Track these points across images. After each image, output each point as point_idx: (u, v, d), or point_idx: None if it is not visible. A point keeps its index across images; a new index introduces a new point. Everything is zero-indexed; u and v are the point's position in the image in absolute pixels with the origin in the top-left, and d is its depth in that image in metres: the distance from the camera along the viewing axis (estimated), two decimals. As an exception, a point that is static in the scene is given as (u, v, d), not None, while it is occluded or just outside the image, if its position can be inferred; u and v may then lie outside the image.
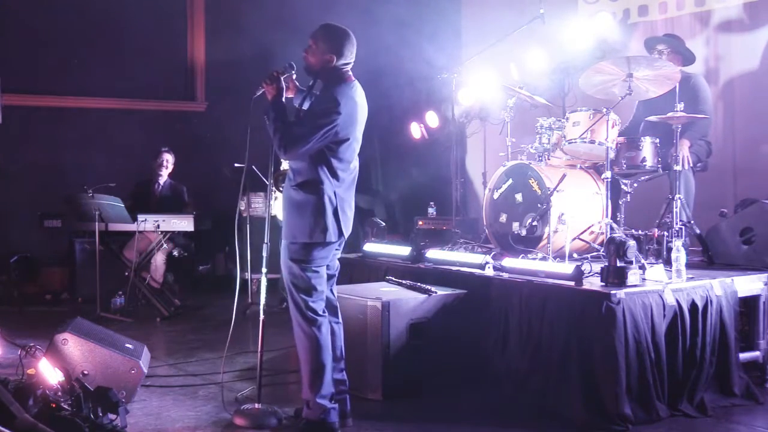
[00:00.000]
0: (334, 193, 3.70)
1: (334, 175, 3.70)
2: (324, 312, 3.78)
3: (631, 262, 4.13)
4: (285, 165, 4.68)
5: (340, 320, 3.96)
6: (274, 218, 6.19)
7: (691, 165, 5.34)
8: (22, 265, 7.74)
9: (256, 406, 3.92)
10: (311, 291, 3.73)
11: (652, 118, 5.06)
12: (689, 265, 4.54)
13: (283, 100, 3.75)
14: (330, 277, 3.90)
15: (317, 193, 3.67)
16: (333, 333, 3.85)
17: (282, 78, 3.77)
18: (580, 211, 5.21)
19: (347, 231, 3.81)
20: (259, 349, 3.97)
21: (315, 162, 3.67)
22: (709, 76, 6.31)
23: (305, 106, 3.84)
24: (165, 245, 6.92)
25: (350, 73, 3.80)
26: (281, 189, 4.15)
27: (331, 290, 3.94)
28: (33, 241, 7.78)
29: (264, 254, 3.89)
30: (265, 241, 3.91)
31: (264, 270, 3.88)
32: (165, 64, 8.79)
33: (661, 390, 3.99)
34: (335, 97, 3.63)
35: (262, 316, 3.94)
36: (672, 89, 5.00)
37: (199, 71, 8.95)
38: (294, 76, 3.91)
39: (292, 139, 3.63)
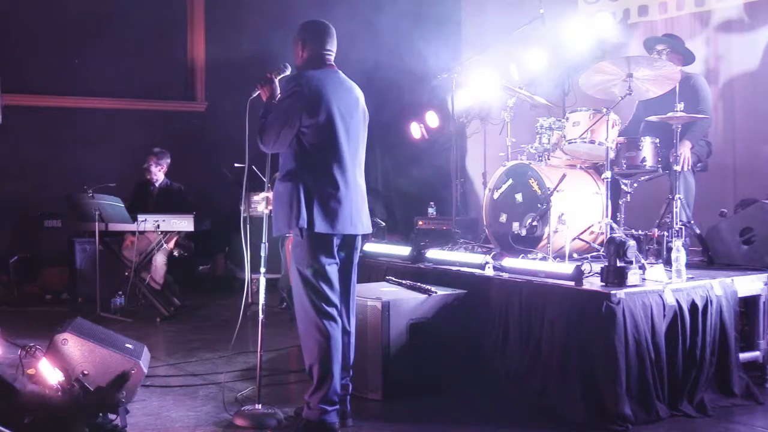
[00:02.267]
0: (313, 181, 3.63)
1: (313, 160, 3.64)
2: (337, 319, 3.73)
3: (631, 262, 4.13)
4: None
5: (353, 330, 3.92)
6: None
7: (691, 165, 5.35)
8: (22, 265, 7.75)
9: (257, 406, 3.92)
10: (319, 296, 3.67)
11: (652, 118, 5.06)
12: (689, 265, 4.54)
13: (274, 99, 3.75)
14: (348, 282, 3.85)
15: (293, 180, 3.64)
16: (343, 344, 3.80)
17: (276, 79, 3.79)
18: (580, 211, 5.21)
19: (339, 226, 3.67)
20: (259, 349, 3.96)
21: (293, 150, 3.66)
22: (709, 76, 6.31)
23: None
24: (165, 245, 6.92)
25: (330, 62, 3.80)
26: None
27: (349, 299, 3.88)
28: (33, 241, 7.78)
29: (262, 254, 3.88)
30: (264, 241, 3.90)
31: (262, 270, 3.87)
32: (165, 64, 8.80)
33: (661, 390, 3.99)
34: (297, 78, 3.66)
35: (261, 316, 3.94)
36: (672, 89, 5.00)
37: (199, 71, 8.96)
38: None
39: (263, 130, 3.65)
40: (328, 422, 3.69)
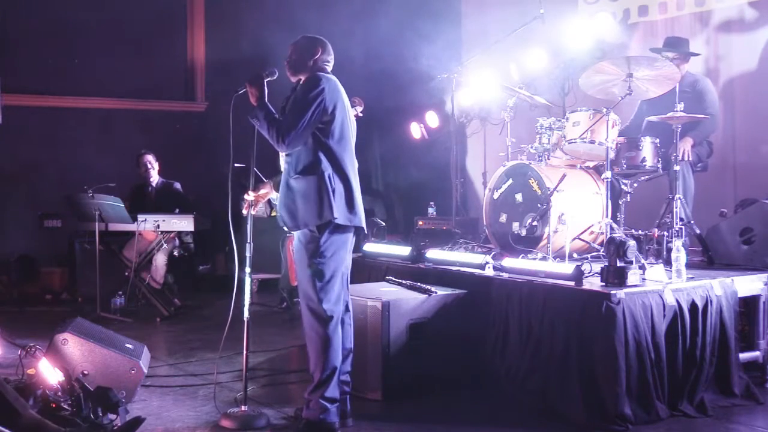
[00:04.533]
0: (333, 173, 3.71)
1: (332, 155, 3.72)
2: (339, 314, 3.76)
3: (631, 262, 4.13)
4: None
5: (351, 321, 3.95)
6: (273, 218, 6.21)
7: (691, 165, 5.35)
8: (22, 265, 7.74)
9: (243, 408, 3.90)
10: (329, 290, 3.71)
11: (653, 117, 5.07)
12: (689, 265, 4.54)
13: (266, 100, 3.79)
14: (346, 275, 3.88)
15: (317, 173, 3.69)
16: (345, 332, 3.83)
17: (265, 81, 3.82)
18: (580, 211, 5.21)
19: (356, 219, 3.78)
20: (245, 350, 3.96)
21: (311, 146, 3.72)
22: (709, 76, 6.31)
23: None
24: (165, 245, 6.92)
25: (329, 70, 3.90)
26: None
27: (346, 288, 3.92)
28: (33, 241, 7.78)
29: (248, 254, 3.89)
30: (248, 241, 3.91)
31: (248, 270, 3.88)
32: (165, 64, 8.80)
33: (661, 390, 3.99)
34: (316, 76, 3.76)
35: (246, 315, 3.94)
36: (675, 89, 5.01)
37: (199, 71, 8.96)
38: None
39: (287, 126, 3.67)
40: (328, 421, 3.70)
